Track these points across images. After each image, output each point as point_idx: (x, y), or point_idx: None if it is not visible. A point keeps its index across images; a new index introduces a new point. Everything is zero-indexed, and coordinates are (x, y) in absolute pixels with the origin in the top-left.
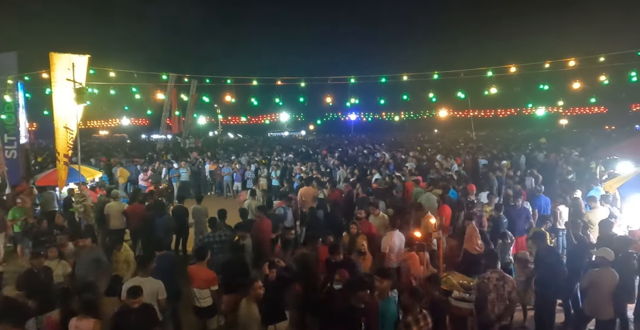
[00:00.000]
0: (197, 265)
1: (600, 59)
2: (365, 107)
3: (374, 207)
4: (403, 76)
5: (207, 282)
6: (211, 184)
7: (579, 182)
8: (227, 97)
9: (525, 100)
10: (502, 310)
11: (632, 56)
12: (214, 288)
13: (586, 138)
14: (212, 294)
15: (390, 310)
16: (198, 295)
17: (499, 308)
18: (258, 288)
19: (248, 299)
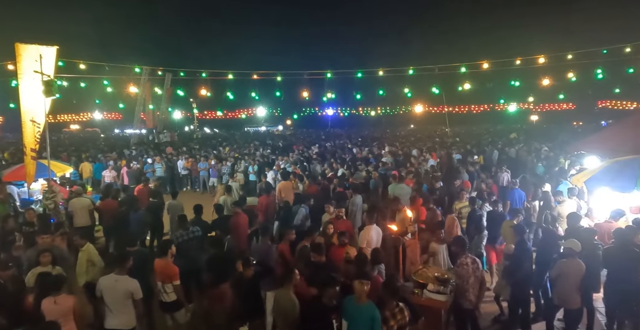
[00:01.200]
0: (162, 259)
1: (568, 57)
2: (342, 102)
3: (327, 205)
4: (379, 71)
5: (170, 277)
6: (187, 179)
7: (549, 176)
8: (202, 91)
9: (497, 96)
10: (478, 292)
11: (598, 54)
12: (175, 283)
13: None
14: (174, 288)
15: (376, 314)
16: (163, 290)
17: (477, 290)
18: (296, 277)
19: (286, 289)
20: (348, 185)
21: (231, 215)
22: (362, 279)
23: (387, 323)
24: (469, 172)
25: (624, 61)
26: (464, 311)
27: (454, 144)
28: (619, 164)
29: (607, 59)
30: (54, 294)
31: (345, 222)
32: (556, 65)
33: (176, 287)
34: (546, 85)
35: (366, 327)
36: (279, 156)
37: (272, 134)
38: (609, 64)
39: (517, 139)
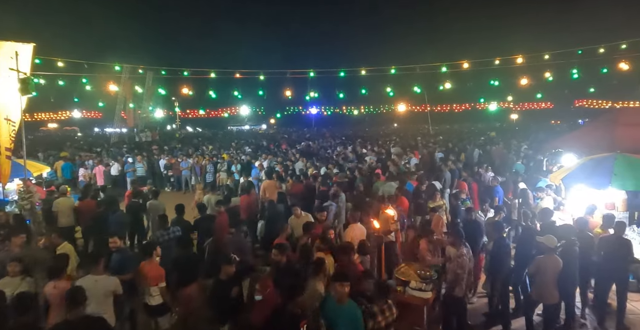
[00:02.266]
0: (146, 261)
1: (545, 57)
2: (325, 101)
3: (295, 207)
4: (361, 71)
5: (156, 279)
6: (169, 178)
7: (527, 173)
8: (184, 89)
9: (478, 96)
10: (471, 281)
11: (573, 55)
12: (162, 285)
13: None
14: (161, 291)
15: (358, 314)
16: (148, 293)
17: (469, 279)
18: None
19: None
20: (332, 184)
21: (214, 215)
22: (341, 281)
23: (375, 319)
24: (451, 169)
25: (598, 61)
26: (455, 301)
27: (437, 142)
28: (594, 161)
29: (582, 59)
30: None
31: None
32: (534, 65)
33: (162, 290)
34: (524, 85)
35: (349, 327)
36: (263, 154)
37: (255, 132)
38: (584, 64)
39: (496, 138)
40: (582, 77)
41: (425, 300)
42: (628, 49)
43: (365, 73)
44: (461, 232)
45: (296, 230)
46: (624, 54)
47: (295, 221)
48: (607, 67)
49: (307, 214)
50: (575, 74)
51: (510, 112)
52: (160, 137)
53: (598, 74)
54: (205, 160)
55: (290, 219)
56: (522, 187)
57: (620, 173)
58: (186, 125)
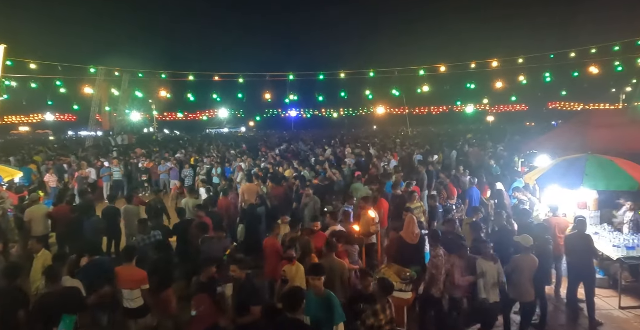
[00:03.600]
0: (125, 265)
1: (519, 61)
2: (305, 103)
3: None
4: (340, 73)
5: (138, 281)
6: (143, 182)
7: (503, 174)
8: (162, 92)
9: (454, 98)
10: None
11: (546, 59)
12: (144, 287)
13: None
14: (142, 293)
15: (335, 301)
16: (127, 297)
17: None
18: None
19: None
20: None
21: (193, 219)
22: (313, 275)
23: (377, 316)
24: (428, 171)
25: (569, 65)
26: (432, 301)
27: (415, 144)
28: (567, 161)
29: (554, 63)
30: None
31: (320, 236)
32: (508, 69)
33: (144, 292)
34: (499, 88)
35: (328, 314)
36: (244, 157)
37: (234, 135)
38: (556, 68)
39: (472, 139)
40: (554, 80)
41: (406, 301)
42: (597, 53)
43: (345, 76)
44: (438, 234)
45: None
46: (593, 58)
47: (283, 227)
48: (578, 71)
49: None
50: (547, 77)
51: (487, 114)
52: (136, 140)
53: (569, 77)
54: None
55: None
56: (498, 187)
57: (592, 173)
58: (164, 128)
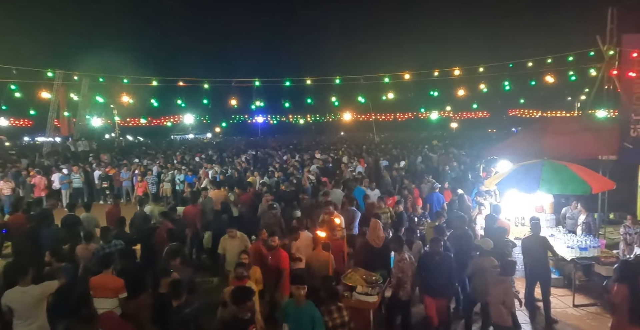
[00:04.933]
0: (101, 274)
1: (479, 70)
2: (272, 109)
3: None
4: (307, 80)
5: (115, 290)
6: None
7: (465, 180)
8: (124, 97)
9: (419, 105)
10: (413, 284)
11: (505, 68)
12: (122, 296)
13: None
14: (120, 302)
15: (316, 313)
16: (103, 306)
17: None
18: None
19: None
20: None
21: (157, 227)
22: (297, 285)
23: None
24: (392, 177)
25: (527, 74)
26: (399, 303)
27: (381, 150)
28: (524, 167)
29: (513, 72)
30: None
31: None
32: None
33: (122, 301)
34: (461, 96)
35: (308, 327)
36: (208, 164)
37: (200, 141)
38: (515, 77)
39: (438, 146)
40: (513, 88)
41: (372, 304)
42: (553, 63)
43: (311, 83)
44: (402, 239)
45: (228, 252)
46: (549, 68)
47: (230, 242)
48: (535, 80)
49: (243, 234)
50: (507, 85)
51: (451, 121)
52: (97, 147)
53: (527, 86)
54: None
55: (223, 239)
56: (460, 192)
57: (547, 178)
58: (127, 134)
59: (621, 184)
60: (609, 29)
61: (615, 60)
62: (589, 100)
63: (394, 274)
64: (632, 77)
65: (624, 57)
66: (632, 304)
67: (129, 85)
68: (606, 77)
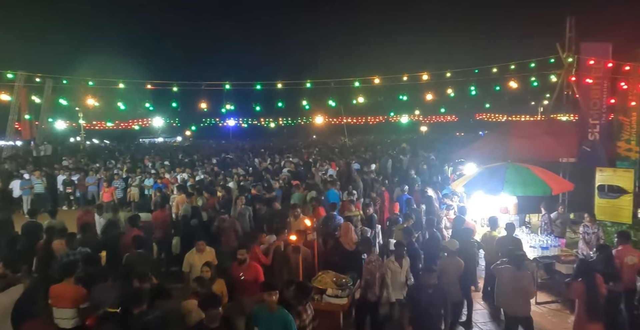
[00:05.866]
0: (63, 283)
1: (447, 75)
2: (243, 113)
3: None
4: (277, 84)
5: (75, 300)
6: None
7: (433, 181)
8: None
9: (389, 109)
10: (381, 284)
11: (471, 73)
12: (83, 306)
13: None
14: (79, 313)
15: (289, 318)
16: (60, 316)
17: (381, 284)
18: None
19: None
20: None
21: (123, 233)
22: (269, 291)
23: (301, 317)
24: (364, 180)
25: (492, 80)
26: (368, 304)
27: (353, 153)
28: (489, 170)
29: (478, 77)
30: None
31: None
32: (437, 82)
33: (81, 311)
34: (430, 100)
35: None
36: (176, 168)
37: (170, 145)
38: (480, 82)
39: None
40: (479, 93)
41: (342, 306)
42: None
43: (282, 86)
44: (371, 242)
45: (194, 268)
46: (513, 73)
47: (197, 257)
48: (500, 85)
49: (212, 250)
50: (473, 90)
51: (420, 125)
52: (61, 151)
53: (492, 91)
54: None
55: (189, 254)
56: (429, 194)
57: (511, 180)
58: (93, 137)
59: (580, 185)
60: (568, 37)
61: (573, 67)
62: (550, 105)
63: (363, 275)
64: (589, 83)
65: (581, 64)
66: (589, 300)
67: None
68: (565, 83)
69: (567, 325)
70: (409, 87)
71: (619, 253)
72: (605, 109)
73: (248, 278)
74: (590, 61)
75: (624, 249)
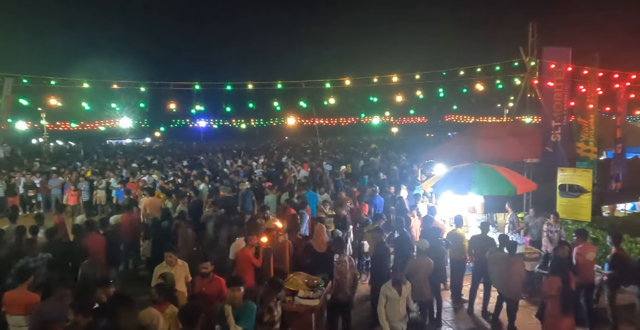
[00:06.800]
0: (16, 290)
1: (416, 77)
2: (213, 114)
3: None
4: (248, 84)
5: (28, 307)
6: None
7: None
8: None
9: (360, 110)
10: (352, 284)
11: (439, 76)
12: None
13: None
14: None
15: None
16: (14, 324)
17: (352, 284)
18: None
19: None
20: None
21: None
22: (233, 287)
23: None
24: (335, 181)
25: (459, 82)
26: (339, 304)
27: (325, 155)
28: (457, 170)
29: (446, 80)
30: None
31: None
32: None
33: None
34: (399, 102)
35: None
36: (142, 170)
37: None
38: (448, 84)
39: (377, 149)
40: (447, 95)
41: (313, 308)
42: (482, 72)
43: (253, 87)
44: (343, 242)
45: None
46: (479, 76)
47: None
48: (467, 87)
49: (184, 263)
50: (441, 92)
51: (392, 126)
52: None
53: (459, 93)
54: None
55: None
56: (400, 194)
57: (478, 180)
58: (56, 138)
59: (543, 185)
60: (531, 42)
61: (536, 70)
62: (515, 107)
63: (334, 276)
64: (551, 86)
65: (543, 68)
66: (564, 295)
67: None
68: (529, 86)
69: (532, 320)
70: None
71: (580, 250)
72: (566, 111)
73: (211, 292)
74: (551, 65)
75: (585, 246)
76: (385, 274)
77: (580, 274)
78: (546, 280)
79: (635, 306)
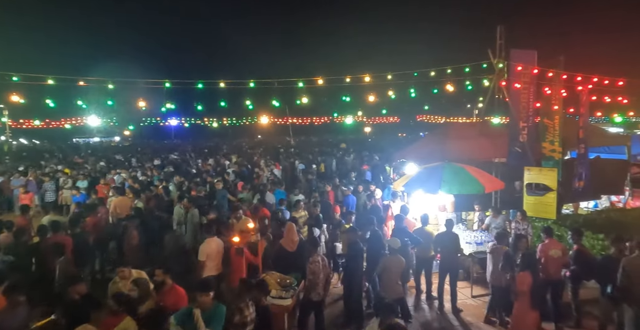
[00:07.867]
0: None
1: (388, 77)
2: (185, 112)
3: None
4: (220, 83)
5: None
6: None
7: (376, 181)
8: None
9: (332, 110)
10: (325, 285)
11: (410, 76)
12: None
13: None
14: None
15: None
16: None
17: (324, 284)
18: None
19: None
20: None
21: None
22: (202, 292)
23: (243, 313)
24: (308, 180)
25: (430, 83)
26: (312, 304)
27: (298, 154)
28: (428, 169)
29: (418, 80)
30: None
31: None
32: (378, 84)
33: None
34: (372, 101)
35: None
36: (112, 170)
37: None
38: (419, 85)
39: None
40: (418, 95)
41: (286, 307)
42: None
43: (225, 86)
44: (317, 242)
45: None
46: (449, 77)
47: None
48: (437, 88)
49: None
50: (412, 93)
51: (365, 126)
52: None
53: (430, 93)
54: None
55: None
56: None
57: (448, 179)
58: (19, 136)
59: (510, 184)
60: (499, 44)
61: (504, 72)
62: (484, 108)
63: (306, 275)
64: (518, 88)
65: (511, 70)
66: (533, 290)
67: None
68: (497, 88)
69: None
70: (352, 88)
71: (544, 247)
72: (532, 112)
73: (168, 304)
74: (518, 67)
75: (549, 242)
76: (359, 274)
77: (544, 271)
78: (517, 275)
79: (597, 301)
